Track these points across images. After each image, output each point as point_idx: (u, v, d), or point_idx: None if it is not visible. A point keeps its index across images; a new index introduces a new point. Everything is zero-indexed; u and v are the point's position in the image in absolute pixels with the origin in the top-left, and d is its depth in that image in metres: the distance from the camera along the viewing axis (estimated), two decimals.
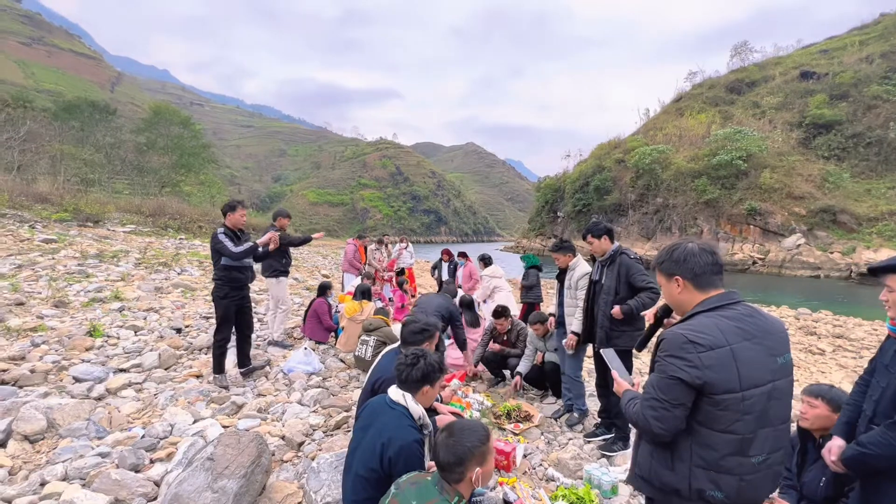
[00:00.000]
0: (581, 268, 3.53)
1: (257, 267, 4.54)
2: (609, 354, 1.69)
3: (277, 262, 5.13)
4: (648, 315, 1.70)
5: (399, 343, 2.67)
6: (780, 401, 1.32)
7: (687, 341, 1.29)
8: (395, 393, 1.95)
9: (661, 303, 1.72)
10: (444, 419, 2.45)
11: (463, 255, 7.91)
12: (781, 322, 1.43)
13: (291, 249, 5.37)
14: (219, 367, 3.98)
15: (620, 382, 1.58)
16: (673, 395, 1.30)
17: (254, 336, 4.84)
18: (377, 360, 2.61)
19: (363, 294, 5.46)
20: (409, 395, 1.92)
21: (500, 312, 4.52)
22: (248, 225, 3.93)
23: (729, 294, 1.39)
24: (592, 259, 3.46)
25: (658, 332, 1.65)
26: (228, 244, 3.85)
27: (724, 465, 1.28)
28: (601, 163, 40.98)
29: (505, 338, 4.62)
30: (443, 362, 2.06)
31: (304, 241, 5.32)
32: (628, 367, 3.02)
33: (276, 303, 5.25)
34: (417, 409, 1.90)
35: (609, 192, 38.47)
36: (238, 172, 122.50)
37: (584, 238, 3.33)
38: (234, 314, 4.04)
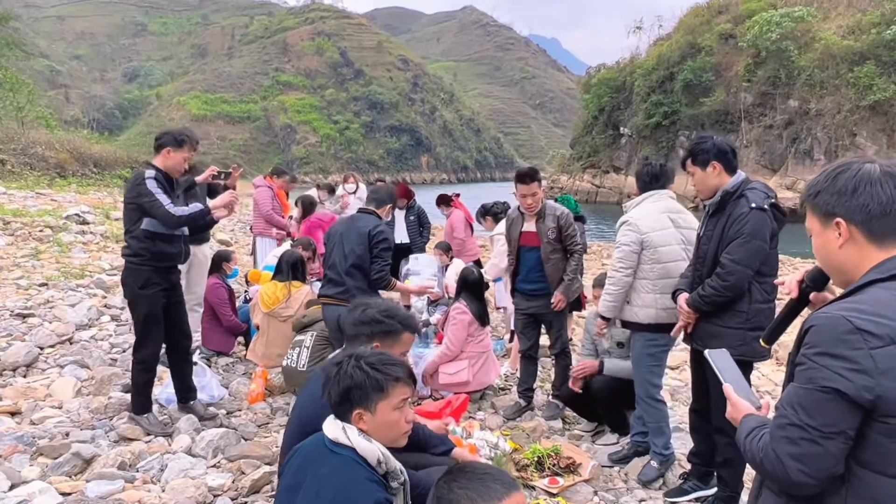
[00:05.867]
0: (638, 211, 3.63)
1: None
2: (718, 357, 1.70)
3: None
4: (790, 286, 1.69)
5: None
6: None
7: (853, 329, 1.29)
8: (331, 427, 1.96)
9: (808, 267, 1.71)
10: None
11: (444, 199, 7.76)
12: None
13: None
14: (142, 405, 4.13)
15: (737, 402, 1.58)
16: (827, 419, 1.31)
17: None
18: (313, 374, 2.62)
19: (293, 270, 5.44)
20: (351, 429, 1.93)
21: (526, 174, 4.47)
22: (89, 157, 3.92)
23: None
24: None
25: (802, 317, 1.66)
26: (163, 199, 3.89)
27: None
28: (695, 40, 40.59)
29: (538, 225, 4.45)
30: (392, 365, 1.99)
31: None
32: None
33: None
34: (371, 449, 1.90)
35: (708, 92, 38.30)
36: (63, 65, 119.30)
37: (683, 166, 3.35)
38: (161, 313, 4.16)
